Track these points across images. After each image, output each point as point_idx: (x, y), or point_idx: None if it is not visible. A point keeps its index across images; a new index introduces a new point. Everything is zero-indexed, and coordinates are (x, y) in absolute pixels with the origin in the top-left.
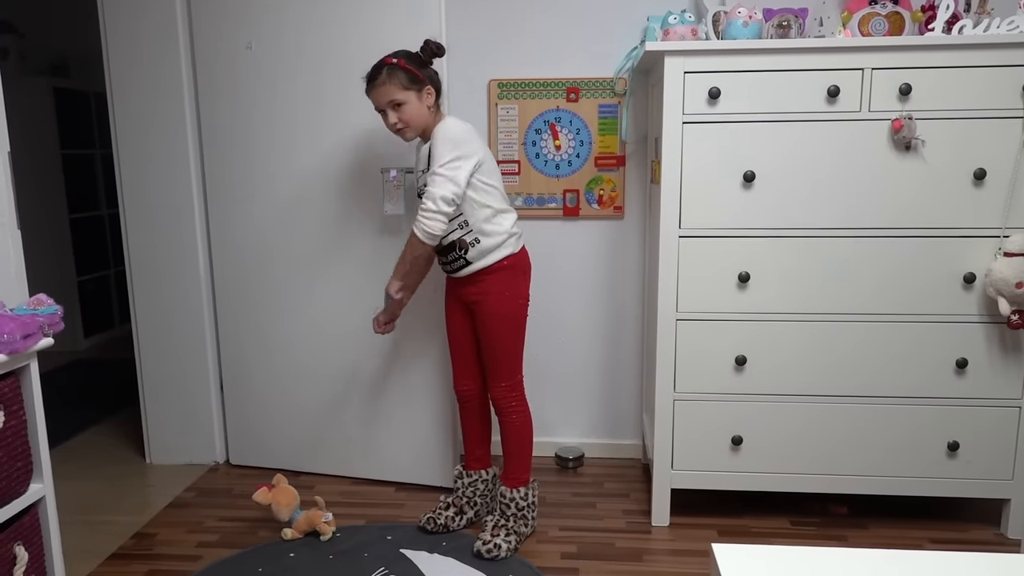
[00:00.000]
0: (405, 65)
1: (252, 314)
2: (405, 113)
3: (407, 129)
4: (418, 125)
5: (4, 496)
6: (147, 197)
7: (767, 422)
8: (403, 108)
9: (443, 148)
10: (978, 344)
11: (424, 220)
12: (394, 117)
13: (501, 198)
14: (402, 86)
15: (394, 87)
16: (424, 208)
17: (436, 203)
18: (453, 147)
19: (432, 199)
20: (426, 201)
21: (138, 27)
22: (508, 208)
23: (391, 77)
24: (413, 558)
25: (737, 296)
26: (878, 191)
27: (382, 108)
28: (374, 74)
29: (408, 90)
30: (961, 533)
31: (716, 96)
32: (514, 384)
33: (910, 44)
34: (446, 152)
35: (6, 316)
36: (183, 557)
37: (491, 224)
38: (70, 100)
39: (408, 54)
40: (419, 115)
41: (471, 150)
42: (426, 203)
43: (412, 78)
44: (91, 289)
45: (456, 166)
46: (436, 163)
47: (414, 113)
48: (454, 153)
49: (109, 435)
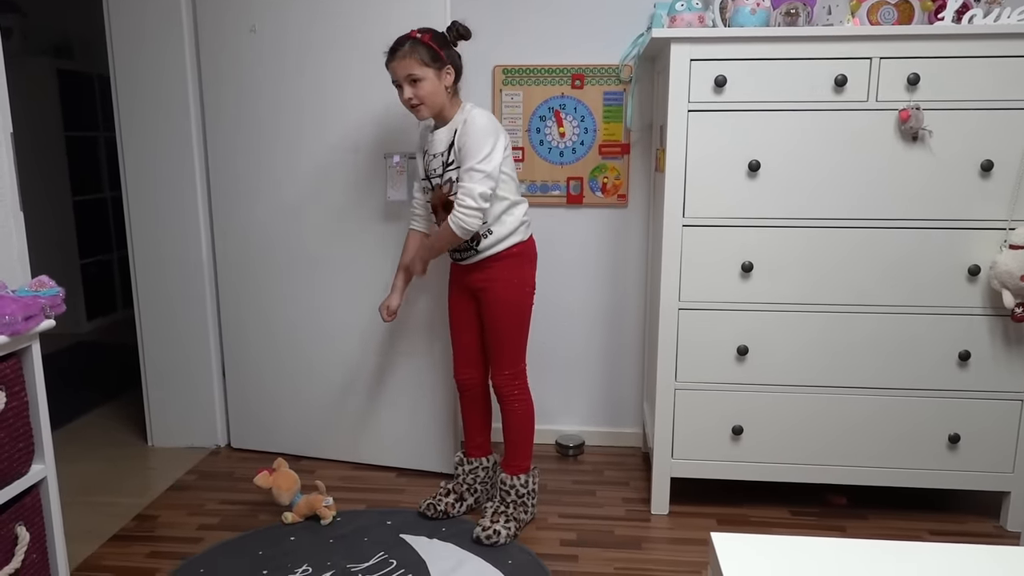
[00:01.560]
0: (428, 41)
1: (254, 298)
2: (422, 89)
3: (422, 106)
4: (433, 104)
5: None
6: (150, 180)
7: (768, 412)
8: (420, 84)
9: (480, 142)
10: (982, 337)
11: (464, 217)
12: (410, 92)
13: (515, 187)
14: (422, 61)
15: (414, 61)
16: (464, 204)
17: (476, 200)
18: (488, 141)
19: (472, 196)
20: (465, 198)
21: (142, 8)
22: (521, 198)
23: (413, 51)
24: (413, 543)
25: (740, 286)
26: (884, 181)
27: (399, 81)
28: (396, 46)
29: (428, 67)
30: (960, 525)
31: (722, 84)
32: (517, 372)
33: (919, 33)
34: (483, 146)
35: (8, 297)
36: (184, 539)
37: (506, 215)
38: (74, 81)
39: (433, 31)
40: (435, 94)
41: (502, 142)
42: (466, 200)
43: (433, 55)
44: (94, 272)
45: (491, 159)
46: (473, 158)
47: (431, 90)
48: (488, 147)
49: (111, 417)
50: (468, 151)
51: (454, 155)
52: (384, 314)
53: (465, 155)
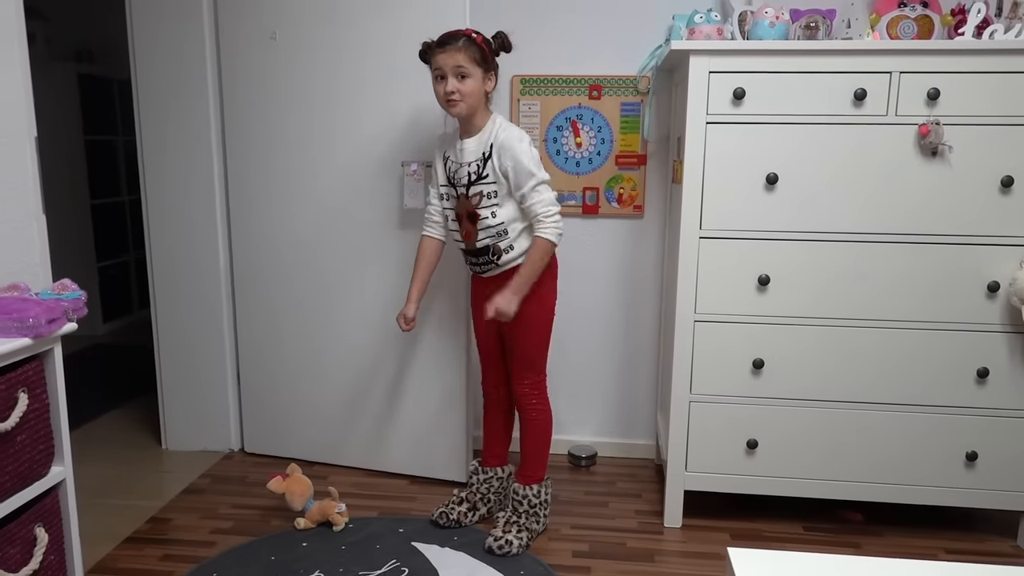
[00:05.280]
0: (482, 43)
1: (270, 304)
2: (467, 85)
3: (460, 103)
4: (472, 104)
5: (27, 478)
6: (169, 185)
7: (783, 426)
8: (467, 81)
9: (528, 161)
10: (1000, 354)
11: (555, 226)
12: (454, 85)
13: None
14: (474, 59)
15: (466, 56)
16: (549, 215)
17: (556, 206)
18: (531, 154)
19: (550, 205)
20: (548, 208)
21: (164, 15)
22: None
23: (467, 47)
24: (425, 551)
25: (756, 298)
26: (903, 196)
27: (445, 73)
28: (450, 38)
29: (477, 66)
30: (977, 544)
31: (741, 97)
32: (537, 382)
33: (939, 48)
34: (531, 162)
35: (31, 300)
36: (197, 543)
37: (528, 231)
38: (94, 86)
39: (484, 36)
40: (477, 94)
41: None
42: (549, 210)
43: (484, 57)
44: (111, 275)
45: (541, 166)
46: (528, 174)
47: (473, 89)
48: (535, 159)
49: (125, 420)
50: (520, 169)
51: (489, 170)
52: (402, 324)
53: (521, 178)
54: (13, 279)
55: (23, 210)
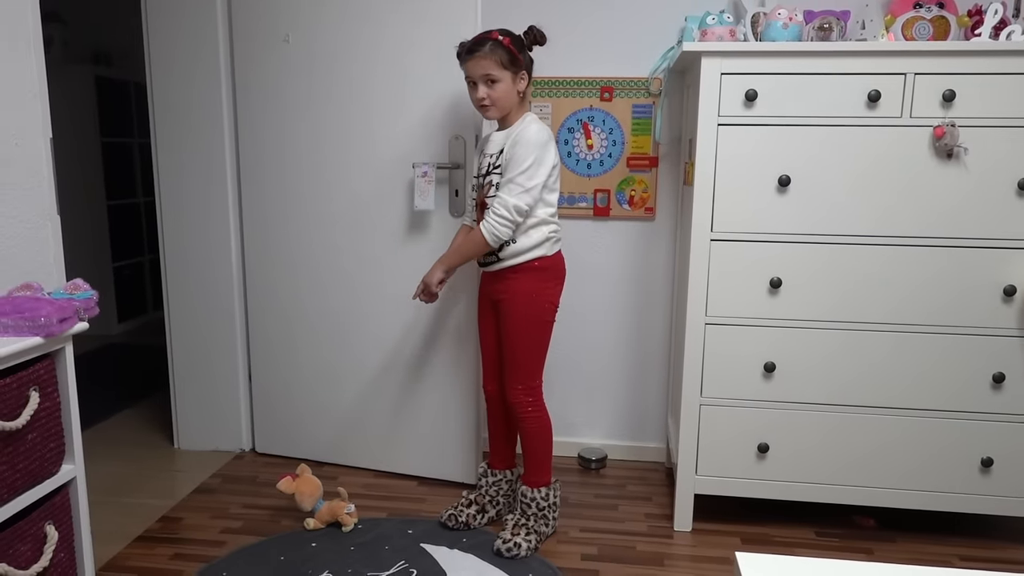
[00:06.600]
0: (509, 44)
1: (282, 305)
2: (496, 91)
3: (493, 107)
4: (504, 107)
5: (37, 476)
6: (183, 186)
7: (795, 430)
8: (496, 86)
9: (525, 154)
10: (1017, 359)
11: (497, 226)
12: (484, 91)
13: (554, 210)
14: (501, 64)
15: (493, 62)
16: (498, 214)
17: (511, 212)
18: (535, 155)
19: (507, 208)
20: (500, 208)
21: (179, 18)
22: (554, 220)
23: (493, 52)
24: (433, 553)
25: (768, 301)
26: (917, 199)
27: (474, 80)
28: (476, 45)
29: (506, 69)
30: (991, 551)
31: (753, 98)
32: (530, 388)
33: (955, 50)
34: (527, 159)
35: (44, 300)
36: (207, 542)
37: (534, 229)
38: (111, 89)
39: (512, 35)
40: (508, 96)
41: (550, 159)
42: (500, 210)
43: (512, 59)
44: (126, 275)
45: (533, 174)
46: (515, 169)
47: (504, 92)
48: (532, 160)
49: (138, 419)
50: (513, 161)
51: (502, 160)
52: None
53: (509, 165)
54: (27, 278)
55: (38, 210)
